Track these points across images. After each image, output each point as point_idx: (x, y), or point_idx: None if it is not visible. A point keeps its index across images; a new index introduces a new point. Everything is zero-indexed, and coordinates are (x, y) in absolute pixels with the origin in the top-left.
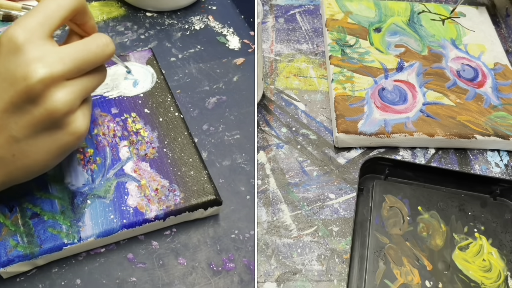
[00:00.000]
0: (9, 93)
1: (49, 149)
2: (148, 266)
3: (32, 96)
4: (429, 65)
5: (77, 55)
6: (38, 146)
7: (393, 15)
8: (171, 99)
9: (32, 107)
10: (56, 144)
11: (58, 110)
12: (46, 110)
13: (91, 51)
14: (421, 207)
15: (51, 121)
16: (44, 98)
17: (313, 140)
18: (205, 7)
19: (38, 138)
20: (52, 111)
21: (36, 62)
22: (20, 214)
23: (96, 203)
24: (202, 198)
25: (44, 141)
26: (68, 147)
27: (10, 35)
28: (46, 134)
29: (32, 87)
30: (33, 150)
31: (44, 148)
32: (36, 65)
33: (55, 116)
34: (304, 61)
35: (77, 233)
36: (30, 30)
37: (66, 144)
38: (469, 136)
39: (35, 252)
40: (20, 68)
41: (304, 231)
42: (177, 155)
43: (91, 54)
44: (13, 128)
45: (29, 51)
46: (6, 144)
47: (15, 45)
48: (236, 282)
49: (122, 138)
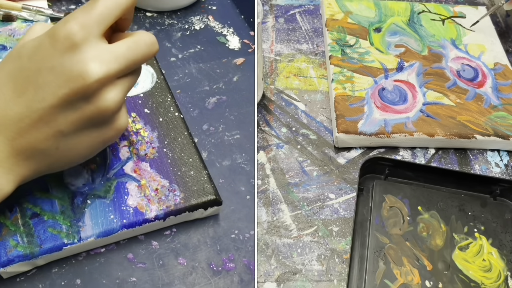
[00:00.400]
0: (63, 89)
1: (92, 143)
2: (148, 266)
3: (87, 94)
4: (429, 65)
5: (129, 54)
6: (83, 140)
7: (393, 15)
8: (171, 99)
9: (84, 104)
10: (100, 139)
11: (109, 109)
12: (97, 108)
13: (141, 50)
14: (421, 207)
15: (100, 118)
16: (97, 97)
17: (313, 140)
18: (205, 7)
19: (84, 133)
20: (104, 110)
21: (93, 61)
22: (20, 214)
23: (96, 203)
24: (202, 198)
25: (89, 136)
26: (109, 141)
27: (68, 32)
28: (92, 130)
29: (89, 86)
30: (77, 144)
31: (87, 142)
32: (93, 64)
33: (106, 114)
34: (304, 61)
35: (77, 233)
36: (88, 28)
37: (108, 139)
38: (469, 136)
39: (35, 252)
40: (77, 66)
41: (304, 231)
42: (177, 155)
43: (140, 53)
44: (62, 123)
45: (86, 50)
46: (53, 137)
47: (73, 42)
48: (236, 282)
49: (122, 138)
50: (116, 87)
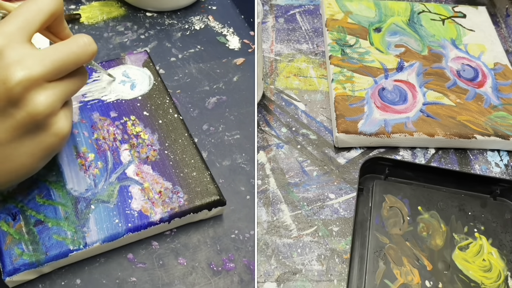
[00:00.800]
0: None
1: (33, 151)
2: (148, 266)
3: (13, 100)
4: (429, 65)
5: (57, 56)
6: (23, 149)
7: (393, 15)
8: (169, 100)
9: (14, 111)
10: (40, 146)
11: (40, 113)
12: (27, 113)
13: (72, 52)
14: (421, 207)
15: (33, 123)
16: (25, 101)
17: (313, 140)
18: (205, 7)
19: (22, 141)
20: (34, 114)
21: (14, 65)
22: (24, 222)
23: (100, 208)
24: (206, 199)
25: (28, 144)
26: (52, 148)
27: None
28: (29, 136)
29: (11, 90)
30: (17, 153)
31: (28, 151)
32: (14, 68)
33: (37, 118)
34: (304, 61)
35: (83, 239)
36: (9, 35)
37: (50, 146)
38: (469, 136)
39: (41, 260)
40: (0, 72)
41: (304, 231)
42: (178, 156)
43: (72, 54)
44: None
45: (7, 55)
46: None
47: None
48: (236, 282)
49: (123, 141)
50: (47, 90)
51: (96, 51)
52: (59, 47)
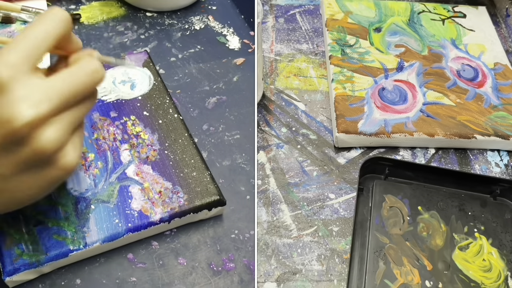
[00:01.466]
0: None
1: (38, 184)
2: (148, 266)
3: (18, 139)
4: (429, 65)
5: (64, 89)
6: (27, 182)
7: (393, 15)
8: (169, 100)
9: (18, 148)
10: (45, 179)
11: (46, 150)
12: (33, 150)
13: (80, 81)
14: (421, 207)
15: (39, 160)
16: (30, 139)
17: (313, 140)
18: (205, 7)
19: (27, 175)
20: (40, 152)
21: (21, 102)
22: (24, 222)
23: (100, 208)
24: (206, 199)
25: (32, 177)
26: (57, 180)
27: None
28: (34, 171)
29: (17, 131)
30: (21, 185)
31: (33, 183)
32: (21, 107)
33: (43, 155)
34: (304, 61)
35: (83, 238)
36: (14, 65)
37: (55, 179)
38: (469, 136)
39: (41, 260)
40: (4, 110)
41: (304, 231)
42: (178, 156)
43: (79, 85)
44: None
45: (14, 90)
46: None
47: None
48: (236, 282)
49: (123, 141)
50: (53, 125)
51: (103, 77)
52: (66, 77)
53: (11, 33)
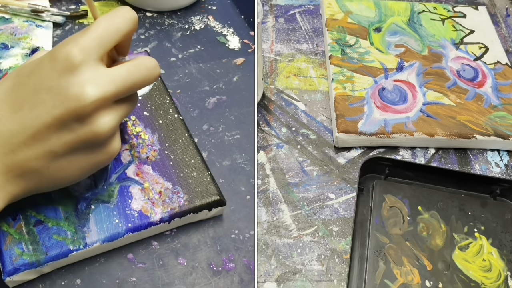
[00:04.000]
0: (58, 110)
1: (83, 166)
2: (148, 266)
3: (81, 116)
4: (429, 65)
5: (128, 77)
6: (74, 162)
7: (393, 15)
8: (169, 100)
9: (78, 126)
10: (91, 162)
11: (103, 133)
12: (91, 131)
13: (141, 74)
14: (421, 207)
15: (93, 142)
16: (91, 119)
17: (313, 140)
18: (205, 7)
19: (76, 155)
20: (97, 134)
21: (90, 83)
22: (24, 222)
23: (100, 208)
24: (206, 199)
25: (81, 158)
26: (101, 165)
27: (67, 53)
28: (84, 152)
29: (83, 108)
30: (68, 166)
31: (79, 164)
32: (90, 87)
33: (99, 138)
34: (304, 61)
35: (83, 239)
36: (87, 51)
37: (100, 162)
38: (469, 136)
39: (41, 260)
40: (74, 88)
41: (304, 231)
42: (178, 156)
43: (141, 76)
44: (54, 144)
45: (84, 72)
46: (45, 158)
47: (71, 64)
48: (236, 282)
49: (123, 141)
50: (112, 112)
51: (159, 74)
52: (130, 68)
53: (14, 29)
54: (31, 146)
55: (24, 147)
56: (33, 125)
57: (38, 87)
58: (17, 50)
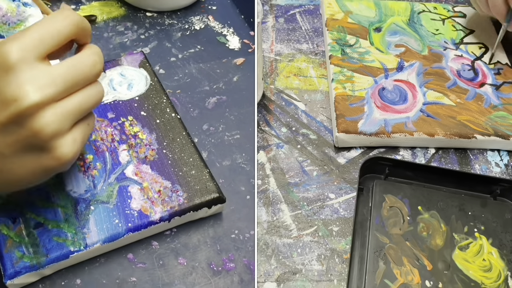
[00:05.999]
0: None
1: (33, 169)
2: (148, 266)
3: (21, 119)
4: (429, 65)
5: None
6: (23, 165)
7: (393, 14)
8: (166, 100)
9: (18, 128)
10: (40, 166)
11: (44, 133)
12: (31, 131)
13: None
14: (421, 207)
15: (35, 142)
16: (31, 120)
17: (313, 140)
18: (205, 7)
19: (23, 158)
20: (37, 133)
21: (28, 84)
22: (24, 224)
23: (99, 209)
24: (205, 196)
25: (29, 161)
26: (52, 170)
27: (4, 52)
28: (31, 154)
29: (22, 111)
30: (17, 168)
31: (28, 167)
32: (28, 87)
33: (40, 138)
34: (304, 60)
35: (83, 240)
36: (25, 49)
37: (50, 168)
38: (469, 136)
39: (41, 262)
40: (11, 89)
41: (304, 231)
42: (177, 155)
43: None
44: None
45: (22, 72)
46: None
47: (8, 63)
48: (236, 282)
49: (121, 142)
50: (55, 109)
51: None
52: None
53: (5, 17)
54: None
55: None
56: None
57: None
58: None
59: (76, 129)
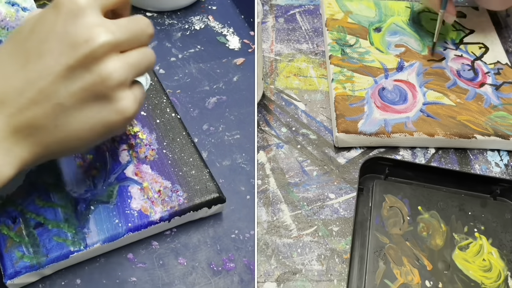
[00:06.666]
0: (66, 56)
1: (93, 124)
2: (148, 266)
3: (90, 61)
4: (429, 65)
5: (130, 27)
6: (83, 119)
7: (393, 14)
8: (166, 100)
9: (86, 73)
10: (101, 120)
11: (111, 79)
12: (99, 76)
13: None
14: (421, 207)
15: (102, 89)
16: (100, 64)
17: (313, 140)
18: (205, 7)
19: (85, 109)
20: (105, 78)
21: (98, 26)
22: (24, 224)
23: (99, 209)
24: (205, 196)
25: (90, 114)
26: (113, 126)
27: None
28: (93, 105)
29: (94, 51)
30: (77, 122)
31: (88, 122)
32: (99, 29)
33: (107, 84)
34: (304, 60)
35: (83, 240)
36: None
37: (111, 123)
38: (469, 136)
39: (41, 262)
40: (82, 31)
41: (304, 231)
42: (177, 155)
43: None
44: (62, 95)
45: (90, 15)
46: (52, 111)
47: (77, 7)
48: (236, 282)
49: (121, 142)
50: (121, 58)
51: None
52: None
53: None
54: (38, 102)
55: (31, 104)
56: (41, 78)
57: (43, 38)
58: None
59: (135, 87)
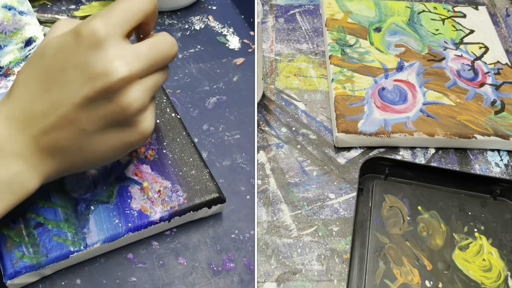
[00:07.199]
0: (87, 88)
1: (115, 145)
2: (148, 266)
3: (110, 93)
4: (429, 65)
5: (150, 54)
6: (105, 141)
7: (393, 14)
8: (166, 100)
9: (107, 103)
10: (123, 141)
11: (131, 108)
12: (120, 106)
13: (161, 51)
14: (421, 207)
15: (122, 117)
16: (120, 95)
17: (313, 140)
18: (205, 7)
19: (107, 134)
20: (126, 108)
21: (117, 59)
22: (24, 224)
23: (99, 209)
24: (205, 196)
25: (112, 137)
26: (133, 145)
27: (92, 28)
28: (115, 130)
29: (112, 85)
30: (100, 144)
31: (110, 143)
32: (117, 63)
33: (128, 113)
34: (304, 60)
35: (83, 240)
36: (112, 26)
37: (132, 142)
38: (469, 136)
39: (41, 262)
40: (101, 64)
41: (304, 231)
42: (177, 155)
43: (161, 53)
44: (85, 122)
45: (110, 48)
46: (75, 137)
47: (97, 39)
48: (236, 282)
49: None
50: (140, 86)
51: (177, 52)
52: (152, 45)
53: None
54: (62, 127)
55: (55, 127)
56: (63, 105)
57: (65, 67)
58: (11, 47)
59: (151, 104)
